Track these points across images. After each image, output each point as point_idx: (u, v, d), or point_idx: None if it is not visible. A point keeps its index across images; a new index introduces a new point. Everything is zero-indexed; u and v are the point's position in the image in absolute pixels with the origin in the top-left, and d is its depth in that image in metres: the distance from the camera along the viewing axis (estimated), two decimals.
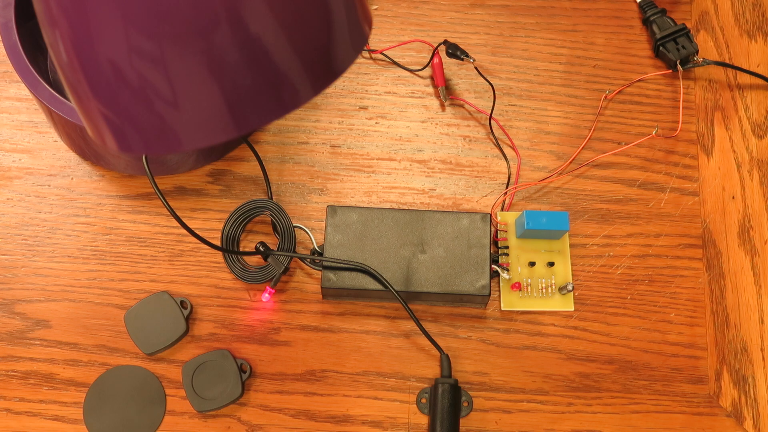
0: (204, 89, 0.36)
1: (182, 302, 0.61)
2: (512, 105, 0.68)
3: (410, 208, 0.62)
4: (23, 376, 0.60)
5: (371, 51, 0.70)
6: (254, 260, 0.62)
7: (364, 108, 0.68)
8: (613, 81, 0.69)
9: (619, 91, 0.69)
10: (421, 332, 0.59)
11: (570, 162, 0.66)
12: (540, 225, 0.60)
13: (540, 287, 0.62)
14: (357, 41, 0.40)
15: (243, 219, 0.62)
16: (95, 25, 0.35)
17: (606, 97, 0.68)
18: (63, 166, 0.65)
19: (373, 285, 0.59)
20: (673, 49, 0.68)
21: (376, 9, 0.71)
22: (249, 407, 0.59)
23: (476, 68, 0.68)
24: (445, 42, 0.68)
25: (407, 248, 0.60)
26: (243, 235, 0.63)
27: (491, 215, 0.61)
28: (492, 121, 0.67)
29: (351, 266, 0.59)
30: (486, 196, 0.65)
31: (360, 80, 0.69)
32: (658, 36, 0.69)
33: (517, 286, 0.62)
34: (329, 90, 0.68)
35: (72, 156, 0.65)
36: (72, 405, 0.59)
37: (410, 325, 0.61)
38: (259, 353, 0.60)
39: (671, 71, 0.69)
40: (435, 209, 0.64)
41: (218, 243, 0.62)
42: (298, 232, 0.63)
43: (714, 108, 0.68)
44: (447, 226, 0.60)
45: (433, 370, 0.60)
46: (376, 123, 0.67)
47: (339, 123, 0.67)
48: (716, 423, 0.60)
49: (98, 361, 0.60)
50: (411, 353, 0.61)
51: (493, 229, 0.63)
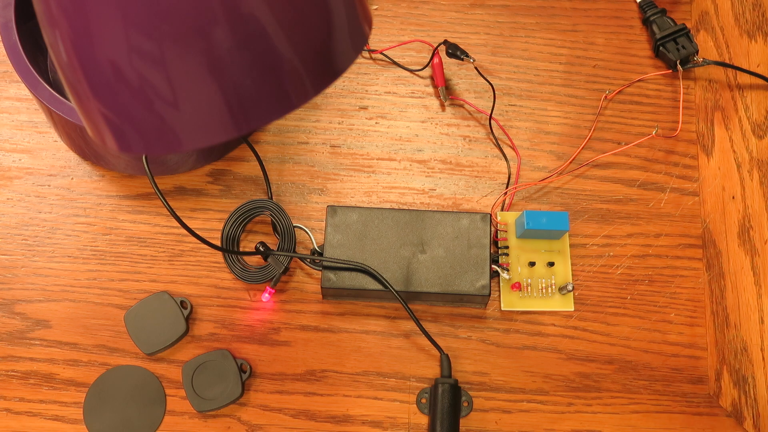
0: (204, 89, 0.36)
1: (182, 302, 0.61)
2: (512, 105, 0.68)
3: (410, 208, 0.62)
4: (23, 376, 0.60)
5: (371, 51, 0.70)
6: (254, 260, 0.62)
7: (364, 108, 0.68)
8: (613, 81, 0.69)
9: (619, 91, 0.69)
10: (421, 332, 0.59)
11: (570, 162, 0.66)
12: (540, 225, 0.60)
13: (540, 287, 0.62)
14: (357, 41, 0.40)
15: (243, 219, 0.62)
16: (95, 25, 0.35)
17: (606, 97, 0.68)
18: (63, 166, 0.65)
19: (373, 285, 0.59)
20: (673, 49, 0.68)
21: (376, 9, 0.71)
22: (249, 407, 0.59)
23: (476, 68, 0.68)
24: (445, 42, 0.68)
25: (407, 248, 0.60)
26: (243, 235, 0.63)
27: (491, 215, 0.61)
28: (492, 121, 0.67)
29: (351, 266, 0.59)
30: (486, 196, 0.65)
31: (360, 80, 0.69)
32: (658, 36, 0.69)
33: (517, 286, 0.62)
34: (329, 90, 0.68)
35: (72, 156, 0.65)
36: (72, 405, 0.59)
37: (410, 325, 0.61)
38: (259, 353, 0.60)
39: (671, 71, 0.69)
40: (435, 209, 0.64)
41: (218, 243, 0.62)
42: (298, 232, 0.63)
43: (714, 108, 0.68)
44: (447, 226, 0.60)
45: (433, 370, 0.60)
46: (376, 123, 0.67)
47: (339, 123, 0.67)
48: (716, 423, 0.60)
49: (98, 361, 0.60)
50: (411, 353, 0.61)
51: (493, 229, 0.63)
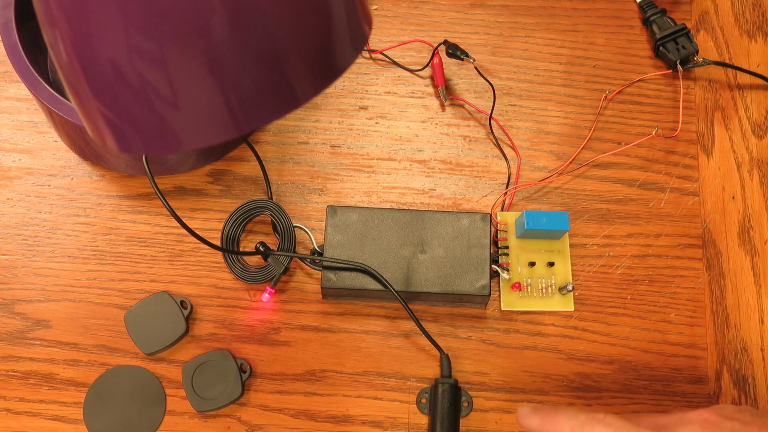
0: (204, 89, 0.36)
1: (182, 302, 0.61)
2: (512, 105, 0.68)
3: (410, 208, 0.62)
4: (23, 376, 0.60)
5: (371, 51, 0.70)
6: (254, 260, 0.62)
7: (364, 108, 0.68)
8: (613, 81, 0.69)
9: (619, 91, 0.69)
10: (421, 332, 0.59)
11: (570, 162, 0.66)
12: (540, 225, 0.60)
13: (540, 287, 0.62)
14: (357, 41, 0.40)
15: (243, 219, 0.62)
16: (95, 25, 0.35)
17: (606, 97, 0.68)
18: (63, 166, 0.65)
19: (373, 285, 0.59)
20: (673, 49, 0.68)
21: (376, 9, 0.71)
22: (249, 407, 0.59)
23: (476, 68, 0.68)
24: (445, 42, 0.68)
25: (407, 248, 0.60)
26: (243, 235, 0.63)
27: (491, 215, 0.61)
28: (492, 121, 0.67)
29: (351, 266, 0.59)
30: (486, 196, 0.65)
31: (360, 80, 0.69)
32: (658, 36, 0.69)
33: (517, 286, 0.61)
34: (329, 90, 0.68)
35: (72, 156, 0.65)
36: (72, 405, 0.59)
37: (410, 325, 0.61)
38: (259, 353, 0.60)
39: (671, 71, 0.69)
40: (435, 209, 0.64)
41: (218, 243, 0.62)
42: (298, 232, 0.63)
43: (714, 108, 0.68)
44: (447, 226, 0.60)
45: (433, 370, 0.60)
46: (376, 123, 0.67)
47: (339, 123, 0.67)
48: None
49: (98, 361, 0.60)
50: (411, 353, 0.61)
51: (493, 229, 0.63)
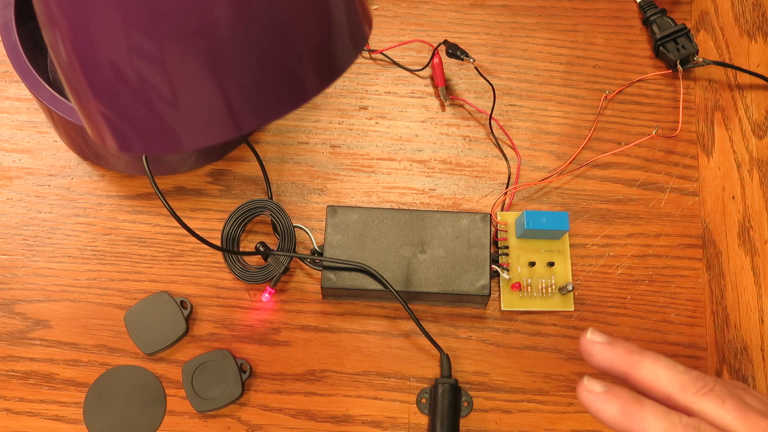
0: (204, 89, 0.36)
1: (182, 302, 0.61)
2: (512, 105, 0.68)
3: (410, 208, 0.62)
4: (23, 376, 0.60)
5: (371, 51, 0.70)
6: (254, 260, 0.62)
7: (364, 108, 0.68)
8: (613, 81, 0.69)
9: (619, 91, 0.69)
10: (421, 332, 0.59)
11: (570, 162, 0.66)
12: (540, 225, 0.60)
13: (540, 287, 0.62)
14: (357, 41, 0.40)
15: (243, 219, 0.62)
16: (95, 25, 0.35)
17: (606, 97, 0.68)
18: (63, 166, 0.65)
19: (373, 285, 0.59)
20: (673, 49, 0.68)
21: (376, 9, 0.71)
22: (249, 407, 0.59)
23: (476, 68, 0.68)
24: (445, 42, 0.68)
25: (407, 248, 0.60)
26: (243, 235, 0.63)
27: (491, 215, 0.61)
28: (492, 121, 0.67)
29: (351, 266, 0.59)
30: (486, 196, 0.65)
31: (360, 80, 0.69)
32: (658, 36, 0.69)
33: (517, 286, 0.61)
34: (329, 90, 0.68)
35: (72, 156, 0.65)
36: (72, 405, 0.59)
37: (410, 325, 0.61)
38: (259, 353, 0.60)
39: (671, 71, 0.69)
40: (435, 209, 0.64)
41: (218, 243, 0.62)
42: (298, 232, 0.63)
43: (714, 108, 0.68)
44: (447, 226, 0.60)
45: (433, 370, 0.60)
46: (376, 123, 0.67)
47: (339, 123, 0.67)
48: None
49: (98, 361, 0.60)
50: (411, 353, 0.61)
51: (493, 229, 0.63)
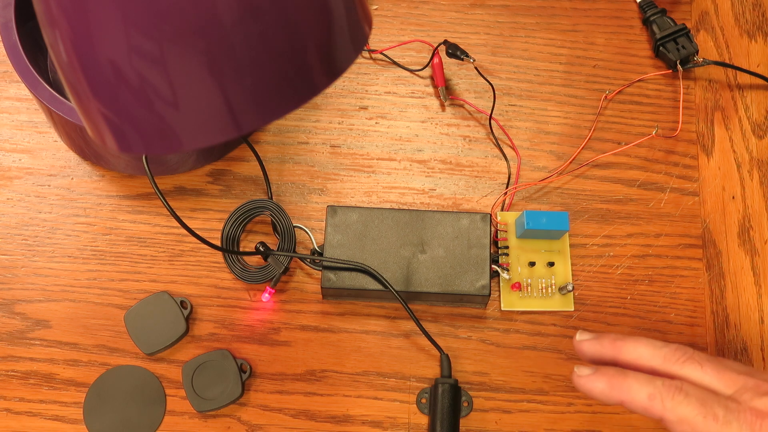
0: (204, 89, 0.36)
1: (182, 302, 0.61)
2: (512, 105, 0.68)
3: (410, 208, 0.62)
4: (23, 376, 0.60)
5: (371, 51, 0.70)
6: (254, 260, 0.62)
7: (364, 108, 0.68)
8: (613, 81, 0.69)
9: (619, 91, 0.69)
10: (421, 332, 0.59)
11: (570, 162, 0.66)
12: (540, 225, 0.60)
13: (540, 287, 0.62)
14: (357, 41, 0.40)
15: (243, 219, 0.62)
16: (95, 25, 0.35)
17: (606, 97, 0.68)
18: (63, 166, 0.65)
19: (373, 285, 0.59)
20: (673, 49, 0.68)
21: (376, 9, 0.71)
22: (249, 407, 0.59)
23: (476, 68, 0.68)
24: (445, 42, 0.68)
25: (407, 248, 0.60)
26: (243, 235, 0.63)
27: (491, 215, 0.61)
28: (492, 121, 0.67)
29: (351, 266, 0.59)
30: (486, 196, 0.65)
31: (360, 80, 0.69)
32: (658, 36, 0.69)
33: (517, 286, 0.61)
34: (329, 90, 0.68)
35: (72, 156, 0.65)
36: (72, 405, 0.59)
37: (410, 325, 0.61)
38: (259, 353, 0.60)
39: (671, 71, 0.69)
40: (435, 209, 0.64)
41: (218, 243, 0.62)
42: (298, 232, 0.63)
43: (714, 108, 0.68)
44: (447, 226, 0.60)
45: (433, 370, 0.60)
46: (376, 123, 0.67)
47: (339, 123, 0.67)
48: None
49: (98, 361, 0.60)
50: (411, 353, 0.61)
51: (493, 229, 0.63)
